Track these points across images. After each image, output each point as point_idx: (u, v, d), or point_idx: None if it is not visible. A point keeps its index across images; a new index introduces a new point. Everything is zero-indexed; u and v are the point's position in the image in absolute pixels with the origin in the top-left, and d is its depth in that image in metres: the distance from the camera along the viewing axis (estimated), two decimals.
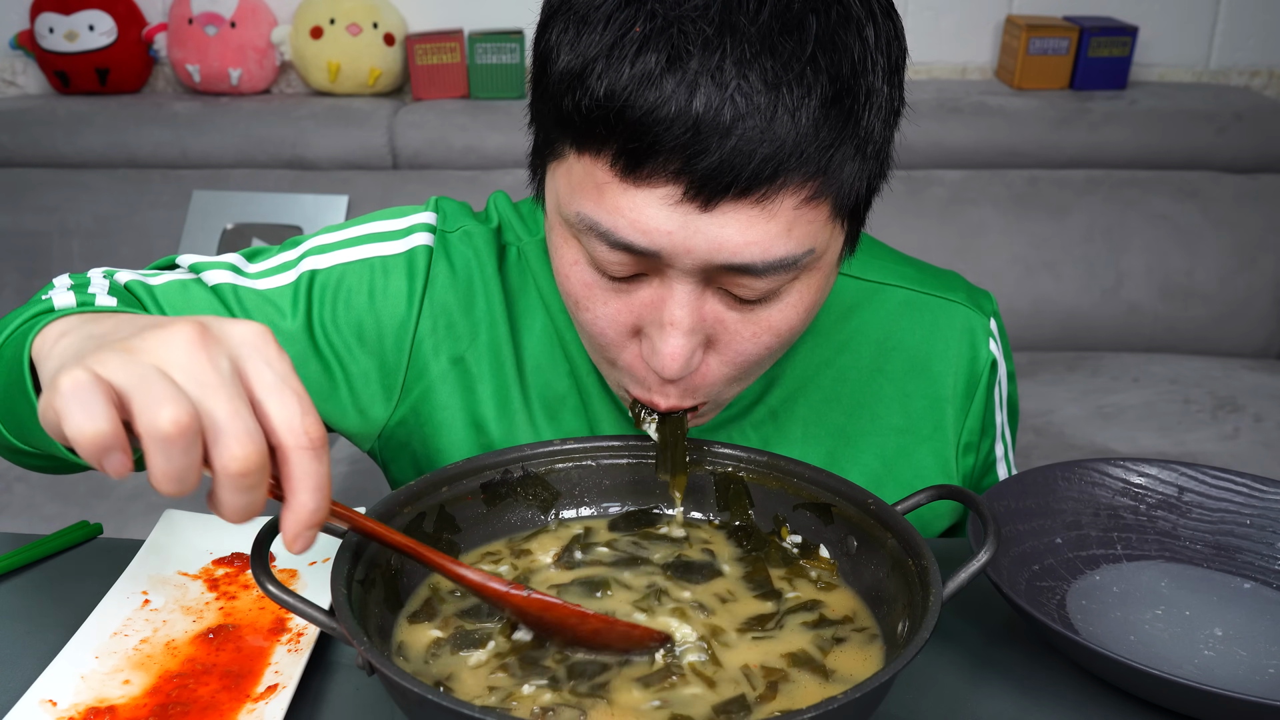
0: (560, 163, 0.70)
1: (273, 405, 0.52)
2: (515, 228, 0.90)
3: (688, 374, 0.71)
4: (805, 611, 0.68)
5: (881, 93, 0.66)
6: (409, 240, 0.87)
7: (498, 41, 2.42)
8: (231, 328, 0.54)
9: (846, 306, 0.91)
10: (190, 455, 0.50)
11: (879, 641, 0.65)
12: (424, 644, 0.64)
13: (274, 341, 0.54)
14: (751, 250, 0.65)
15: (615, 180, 0.65)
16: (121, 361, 0.51)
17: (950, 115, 2.38)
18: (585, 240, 0.69)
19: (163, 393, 0.49)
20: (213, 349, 0.52)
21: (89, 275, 0.82)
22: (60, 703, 0.66)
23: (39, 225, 2.32)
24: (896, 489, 0.90)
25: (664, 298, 0.69)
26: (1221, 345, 2.35)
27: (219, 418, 0.50)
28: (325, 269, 0.86)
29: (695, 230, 0.65)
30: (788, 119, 0.62)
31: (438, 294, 0.86)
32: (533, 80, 0.71)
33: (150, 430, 0.49)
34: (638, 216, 0.65)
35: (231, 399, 0.51)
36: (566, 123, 0.66)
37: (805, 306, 0.72)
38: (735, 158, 0.62)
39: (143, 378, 0.50)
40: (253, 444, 0.51)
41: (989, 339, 0.93)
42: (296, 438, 0.52)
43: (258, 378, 0.53)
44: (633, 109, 0.62)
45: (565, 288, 0.73)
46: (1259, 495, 0.85)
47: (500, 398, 0.87)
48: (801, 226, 0.66)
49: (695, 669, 0.63)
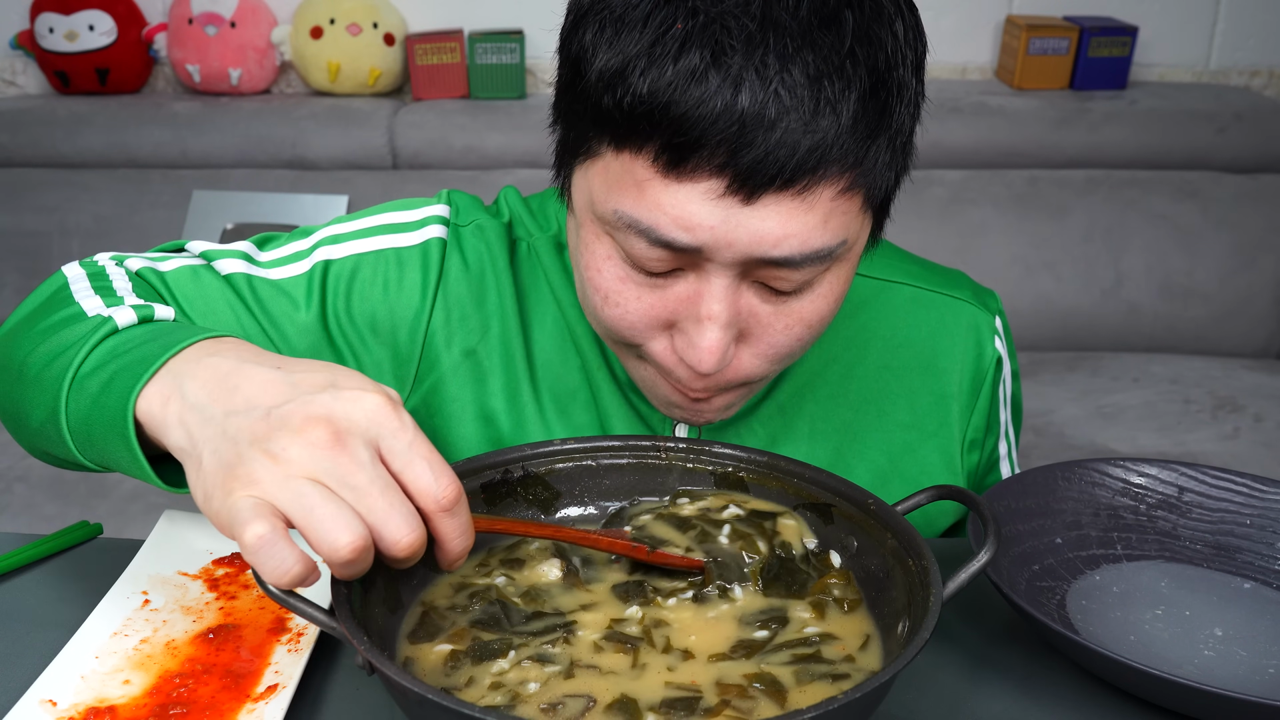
0: (594, 161, 0.70)
1: (409, 476, 0.57)
2: (526, 222, 0.91)
3: (724, 367, 0.72)
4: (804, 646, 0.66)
5: (910, 85, 0.68)
6: (423, 232, 0.88)
7: (498, 41, 2.42)
8: (355, 410, 0.57)
9: (854, 304, 0.92)
10: (368, 561, 0.56)
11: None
12: (439, 659, 0.64)
13: (392, 410, 0.57)
14: (791, 243, 0.67)
15: (657, 177, 0.66)
16: (275, 480, 0.54)
17: (950, 115, 2.38)
18: (622, 237, 0.70)
19: (333, 520, 0.54)
20: (351, 444, 0.56)
21: (101, 264, 0.82)
22: (60, 703, 0.66)
23: (39, 225, 2.32)
24: (902, 485, 0.90)
25: (701, 292, 0.70)
26: (1221, 345, 2.35)
27: (378, 516, 0.55)
28: (339, 259, 0.86)
29: (737, 224, 0.66)
30: (829, 111, 0.63)
31: (451, 286, 0.87)
32: (562, 83, 0.72)
33: (333, 558, 0.54)
34: (680, 213, 0.66)
35: (384, 493, 0.55)
36: (605, 121, 0.67)
37: (835, 296, 0.73)
38: (780, 149, 0.63)
39: (306, 503, 0.54)
40: (411, 533, 0.56)
41: (994, 336, 0.94)
42: (436, 503, 0.57)
43: (391, 455, 0.57)
44: (677, 105, 0.63)
45: (595, 283, 0.73)
46: (1259, 495, 0.85)
47: (510, 391, 0.88)
48: (837, 218, 0.68)
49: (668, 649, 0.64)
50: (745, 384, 0.77)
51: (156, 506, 1.77)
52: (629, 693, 0.61)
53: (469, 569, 0.72)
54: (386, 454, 0.57)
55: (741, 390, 0.79)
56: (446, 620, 0.67)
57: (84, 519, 0.89)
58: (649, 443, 0.77)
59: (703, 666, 0.63)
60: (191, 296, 0.83)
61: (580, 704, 0.60)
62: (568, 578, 0.71)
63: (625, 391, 0.87)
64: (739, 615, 0.68)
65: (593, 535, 0.69)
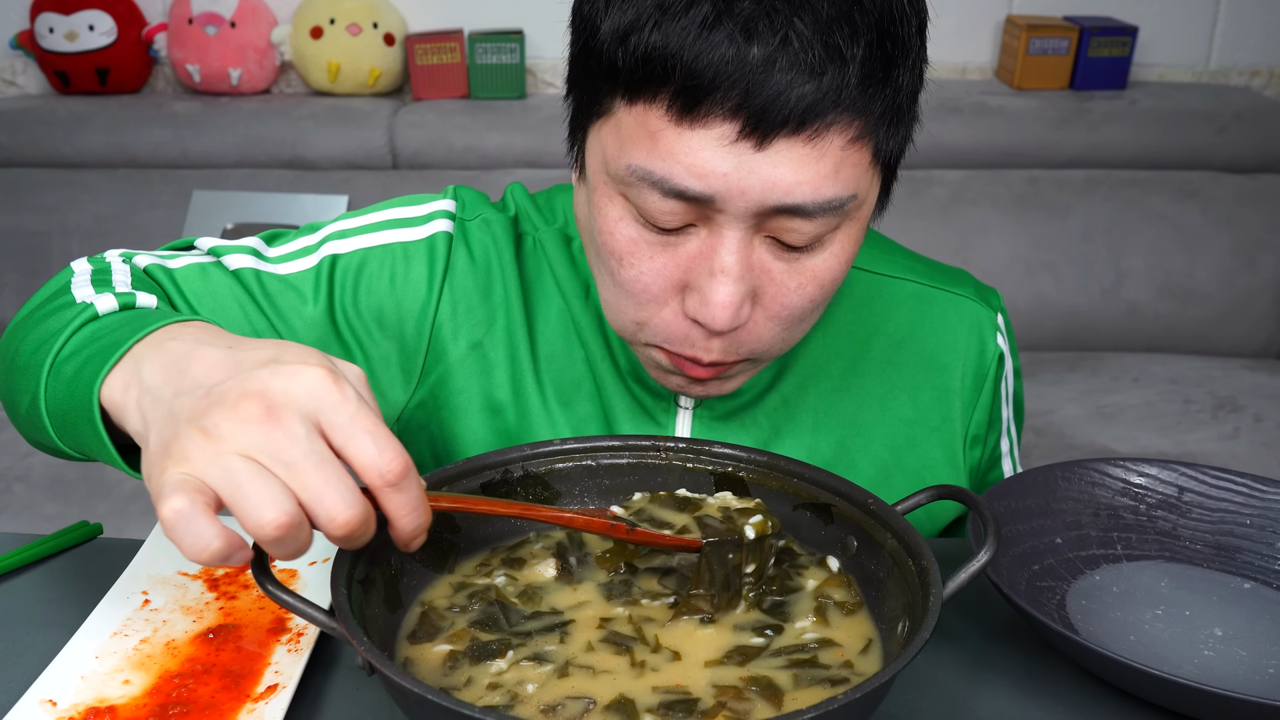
0: (607, 120, 0.71)
1: (351, 450, 0.55)
2: (532, 216, 0.92)
3: (737, 325, 0.72)
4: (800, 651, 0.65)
5: (914, 47, 0.69)
6: (429, 227, 0.89)
7: (498, 41, 2.42)
8: (293, 385, 0.55)
9: (858, 298, 0.92)
10: (300, 539, 0.54)
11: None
12: (437, 659, 0.64)
13: (332, 383, 0.56)
14: (803, 190, 0.67)
15: (670, 125, 0.67)
16: (205, 456, 0.53)
17: (950, 115, 2.38)
18: (635, 194, 0.70)
19: (260, 495, 0.52)
20: (286, 418, 0.54)
21: (108, 260, 0.82)
22: (60, 703, 0.66)
23: (39, 225, 2.32)
24: (905, 479, 0.91)
25: (714, 247, 0.71)
26: (1221, 345, 2.35)
27: (313, 493, 0.54)
28: (347, 254, 0.87)
29: (749, 170, 0.67)
30: (838, 58, 0.65)
31: (457, 280, 0.88)
32: (574, 51, 0.73)
33: (258, 535, 0.53)
34: (693, 160, 0.67)
35: (319, 468, 0.54)
36: (617, 76, 0.68)
37: (845, 256, 0.74)
38: (790, 92, 0.64)
39: (235, 478, 0.53)
40: (350, 509, 0.54)
41: (996, 333, 0.94)
42: (381, 478, 0.55)
43: (330, 427, 0.55)
44: (689, 50, 0.65)
45: (609, 246, 0.74)
46: (1259, 495, 0.85)
47: (516, 383, 0.88)
48: (847, 169, 0.68)
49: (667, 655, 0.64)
50: (752, 357, 0.77)
51: None
52: (627, 693, 0.61)
53: (470, 569, 0.72)
54: (327, 429, 0.55)
55: (744, 366, 0.79)
56: (446, 620, 0.67)
57: (84, 519, 0.89)
58: (649, 442, 0.77)
59: (700, 670, 0.63)
60: (200, 293, 0.84)
61: (580, 705, 0.60)
62: (563, 576, 0.71)
63: (628, 382, 0.88)
64: (735, 622, 0.68)
65: (566, 514, 0.67)
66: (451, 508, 0.64)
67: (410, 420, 0.91)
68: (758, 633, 0.66)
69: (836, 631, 0.67)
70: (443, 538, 0.72)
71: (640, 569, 0.71)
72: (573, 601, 0.69)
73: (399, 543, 0.59)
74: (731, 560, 0.67)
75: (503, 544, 0.75)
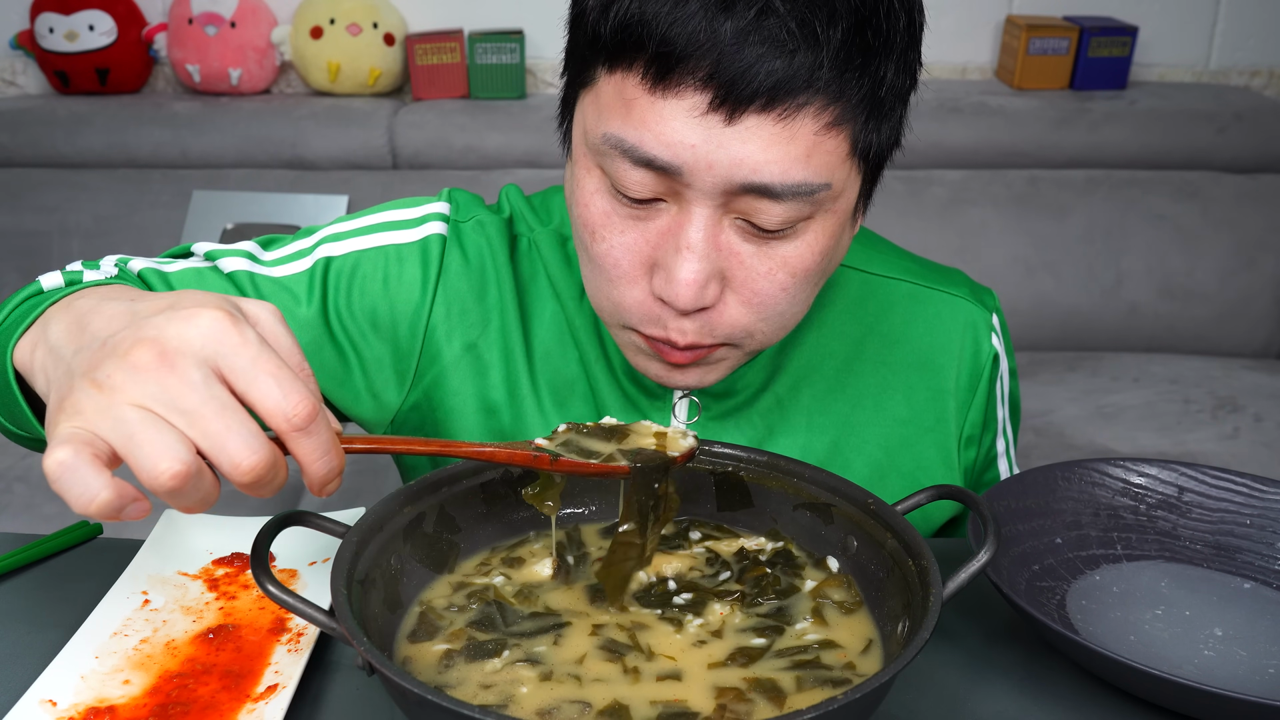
0: (590, 90, 0.73)
1: (255, 395, 0.53)
2: (527, 218, 0.92)
3: (701, 305, 0.72)
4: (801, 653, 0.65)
5: (900, 43, 0.69)
6: (423, 229, 0.89)
7: (498, 41, 2.42)
8: (187, 329, 0.53)
9: (852, 299, 0.92)
10: (201, 488, 0.52)
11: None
12: (434, 657, 0.64)
13: (231, 325, 0.54)
14: (771, 169, 0.68)
15: (644, 94, 0.68)
16: (98, 409, 0.51)
17: (950, 115, 2.38)
18: (609, 164, 0.71)
19: (153, 444, 0.50)
20: (180, 364, 0.52)
21: (101, 263, 0.83)
22: (60, 703, 0.66)
23: (39, 225, 2.32)
24: (899, 479, 0.91)
25: (681, 223, 0.71)
26: (1221, 345, 2.35)
27: (214, 440, 0.52)
28: (340, 256, 0.88)
29: (718, 145, 0.67)
30: (811, 39, 0.65)
31: (451, 281, 0.88)
32: (569, 23, 0.75)
33: (154, 487, 0.51)
34: (663, 129, 0.67)
35: (219, 414, 0.52)
36: (599, 44, 0.69)
37: (820, 249, 0.73)
38: (760, 65, 0.65)
39: (127, 429, 0.51)
40: (254, 455, 0.52)
41: (991, 333, 0.94)
42: (287, 422, 0.53)
43: (230, 371, 0.53)
44: (664, 19, 0.65)
45: (583, 219, 0.75)
46: (1259, 495, 0.85)
47: (510, 384, 0.89)
48: (820, 156, 0.68)
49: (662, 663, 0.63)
50: (730, 342, 0.77)
51: (156, 506, 1.77)
52: (621, 699, 0.61)
53: (470, 569, 0.72)
54: (228, 373, 0.53)
55: (725, 352, 0.78)
56: (444, 620, 0.67)
57: (84, 519, 0.89)
58: None
59: (702, 671, 0.63)
60: None
61: (576, 709, 0.60)
62: (559, 575, 0.71)
63: (623, 383, 0.88)
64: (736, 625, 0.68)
65: (488, 448, 0.64)
66: (365, 449, 0.60)
67: (405, 422, 0.90)
68: (758, 634, 0.66)
69: (837, 632, 0.67)
70: (444, 538, 0.72)
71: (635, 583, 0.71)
72: (568, 602, 0.69)
73: (311, 488, 0.56)
74: (657, 489, 0.67)
75: (503, 544, 0.75)
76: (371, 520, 0.66)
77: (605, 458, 0.67)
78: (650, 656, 0.64)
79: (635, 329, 0.77)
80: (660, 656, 0.64)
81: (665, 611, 0.68)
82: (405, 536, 0.69)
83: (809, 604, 0.69)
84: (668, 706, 0.60)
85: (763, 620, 0.67)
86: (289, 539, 0.81)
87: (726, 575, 0.71)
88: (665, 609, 0.68)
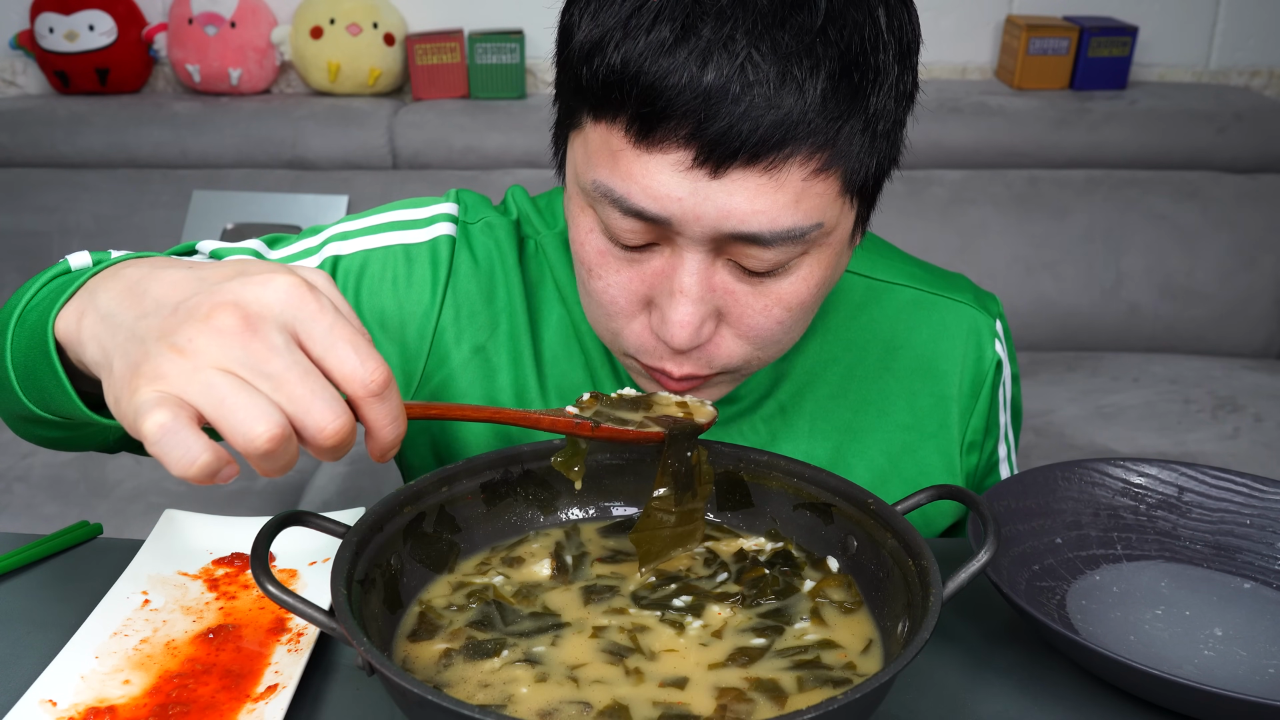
0: (579, 133, 0.72)
1: (332, 361, 0.53)
2: (533, 221, 0.92)
3: (697, 344, 0.72)
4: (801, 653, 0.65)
5: (892, 72, 0.68)
6: (432, 230, 0.88)
7: (498, 41, 2.42)
8: (267, 294, 0.53)
9: (855, 304, 0.92)
10: (289, 452, 0.52)
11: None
12: (433, 656, 0.64)
13: (308, 291, 0.54)
14: (759, 219, 0.67)
15: (629, 147, 0.67)
16: (184, 374, 0.51)
17: (950, 115, 2.38)
18: (600, 208, 0.71)
19: (247, 409, 0.50)
20: (263, 329, 0.52)
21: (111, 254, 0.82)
22: (60, 703, 0.66)
23: (39, 225, 2.32)
24: (901, 486, 0.91)
25: (674, 266, 0.71)
26: (1221, 345, 2.35)
27: (300, 404, 0.52)
28: (348, 255, 0.87)
29: (705, 197, 0.66)
30: (795, 89, 0.64)
31: (461, 283, 0.88)
32: (556, 56, 0.74)
33: (250, 450, 0.51)
34: (650, 182, 0.67)
35: (303, 379, 0.52)
36: (585, 92, 0.69)
37: (815, 282, 0.73)
38: (743, 123, 0.64)
39: (218, 394, 0.50)
40: (338, 420, 0.52)
41: (994, 340, 0.94)
42: (364, 388, 0.54)
43: (309, 337, 0.53)
44: (646, 75, 0.64)
45: (580, 255, 0.75)
46: (1259, 495, 0.85)
47: (518, 388, 0.88)
48: (810, 199, 0.68)
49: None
50: (728, 370, 0.77)
51: (156, 506, 1.77)
52: (622, 699, 0.61)
53: (470, 568, 0.72)
54: (305, 339, 0.53)
55: (725, 378, 0.78)
56: (444, 620, 0.67)
57: (84, 519, 0.89)
58: None
59: (701, 672, 0.63)
60: None
61: (576, 710, 0.60)
62: (559, 575, 0.71)
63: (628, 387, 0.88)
64: (736, 625, 0.68)
65: (533, 415, 0.67)
66: (425, 414, 0.62)
67: (411, 423, 0.90)
68: (758, 634, 0.66)
69: (837, 632, 0.67)
70: (444, 538, 0.72)
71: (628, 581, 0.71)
72: (566, 602, 0.69)
73: (377, 452, 0.57)
74: (690, 457, 0.69)
75: (502, 543, 0.75)
76: (371, 520, 0.66)
77: (637, 425, 0.69)
78: (651, 657, 0.64)
79: (634, 357, 0.77)
80: (661, 655, 0.64)
81: (665, 614, 0.68)
82: (405, 536, 0.69)
83: (808, 604, 0.69)
84: (668, 707, 0.60)
85: (762, 620, 0.67)
86: (289, 539, 0.81)
87: (724, 576, 0.71)
88: (665, 610, 0.68)
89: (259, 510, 1.80)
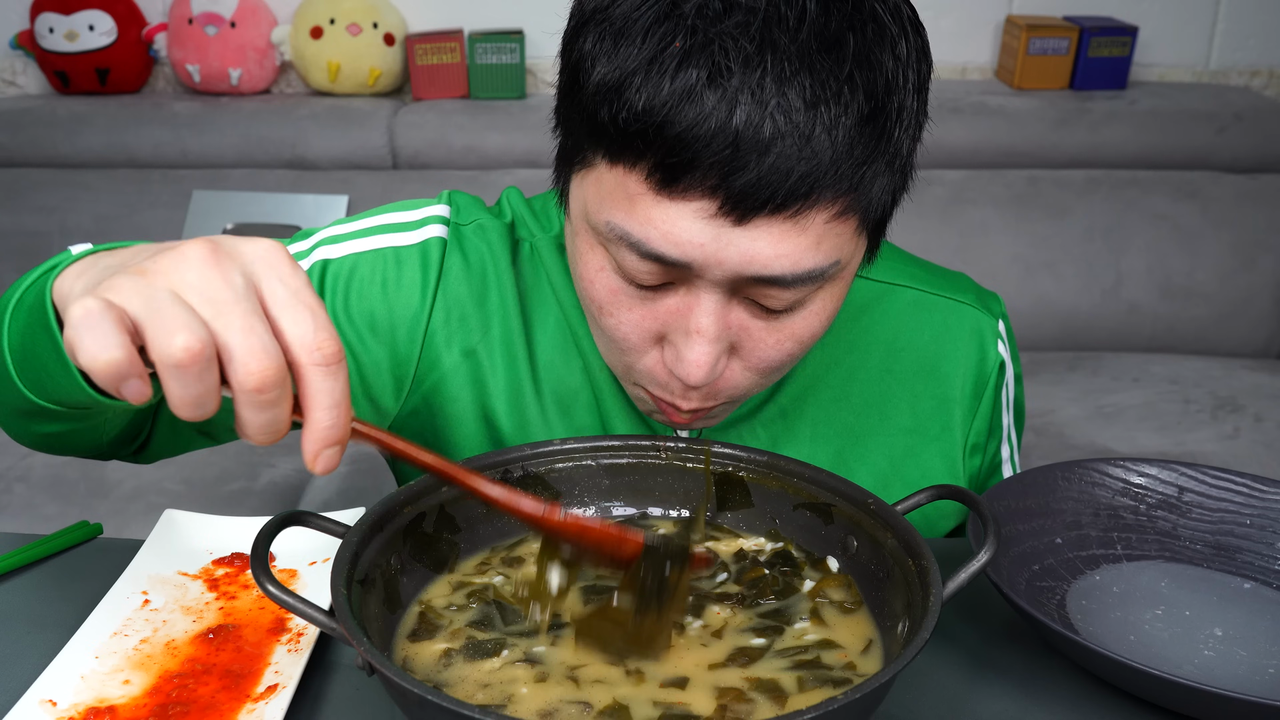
0: (589, 171, 0.70)
1: (286, 321, 0.52)
2: (528, 223, 0.91)
3: (711, 380, 0.72)
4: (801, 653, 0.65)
5: (911, 109, 0.67)
6: (422, 232, 0.88)
7: (498, 41, 2.42)
8: (244, 245, 0.54)
9: (857, 307, 0.91)
10: (206, 380, 0.50)
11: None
12: (433, 656, 0.64)
13: (287, 257, 0.54)
14: (782, 263, 0.66)
15: (649, 193, 0.66)
16: (134, 286, 0.50)
17: (950, 115, 2.37)
18: (614, 249, 0.70)
19: (175, 319, 0.49)
20: (225, 265, 0.52)
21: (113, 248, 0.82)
22: (60, 703, 0.66)
23: (39, 225, 2.32)
24: (904, 489, 0.90)
25: (691, 306, 0.70)
26: (1221, 345, 2.35)
27: (233, 336, 0.50)
28: (338, 259, 0.86)
29: (727, 243, 0.66)
30: (824, 136, 0.63)
31: (451, 286, 0.87)
32: (562, 88, 0.71)
33: (163, 358, 0.49)
34: (670, 229, 0.66)
35: (245, 315, 0.51)
36: (601, 134, 0.67)
37: (827, 314, 0.73)
38: (772, 175, 0.63)
39: (155, 303, 0.49)
40: (268, 359, 0.50)
41: (997, 341, 0.93)
42: (310, 354, 0.52)
43: (271, 294, 0.52)
44: (672, 124, 0.62)
45: (589, 294, 0.74)
46: (1259, 495, 0.85)
47: (512, 391, 0.88)
48: (830, 240, 0.67)
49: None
50: (732, 399, 0.77)
51: (156, 506, 1.77)
52: (622, 699, 0.61)
53: (470, 569, 0.72)
54: (267, 295, 0.52)
55: (726, 405, 0.79)
56: (444, 620, 0.67)
57: (84, 519, 0.89)
58: (649, 442, 0.77)
59: (701, 672, 0.63)
60: None
61: (576, 710, 0.60)
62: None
63: (628, 393, 0.87)
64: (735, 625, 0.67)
65: (485, 481, 0.61)
66: (370, 435, 0.57)
67: (402, 429, 0.89)
68: (758, 634, 0.66)
69: (837, 632, 0.67)
70: (444, 538, 0.72)
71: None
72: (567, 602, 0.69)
73: (309, 450, 0.53)
74: (669, 577, 0.63)
75: (502, 544, 0.75)
76: (371, 520, 0.66)
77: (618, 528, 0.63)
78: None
79: (644, 388, 0.77)
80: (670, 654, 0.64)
81: None
82: (405, 536, 0.69)
83: (808, 604, 0.69)
84: (669, 708, 0.60)
85: (762, 621, 0.67)
86: (289, 539, 0.80)
87: (724, 577, 0.71)
88: None
89: (259, 510, 1.80)
